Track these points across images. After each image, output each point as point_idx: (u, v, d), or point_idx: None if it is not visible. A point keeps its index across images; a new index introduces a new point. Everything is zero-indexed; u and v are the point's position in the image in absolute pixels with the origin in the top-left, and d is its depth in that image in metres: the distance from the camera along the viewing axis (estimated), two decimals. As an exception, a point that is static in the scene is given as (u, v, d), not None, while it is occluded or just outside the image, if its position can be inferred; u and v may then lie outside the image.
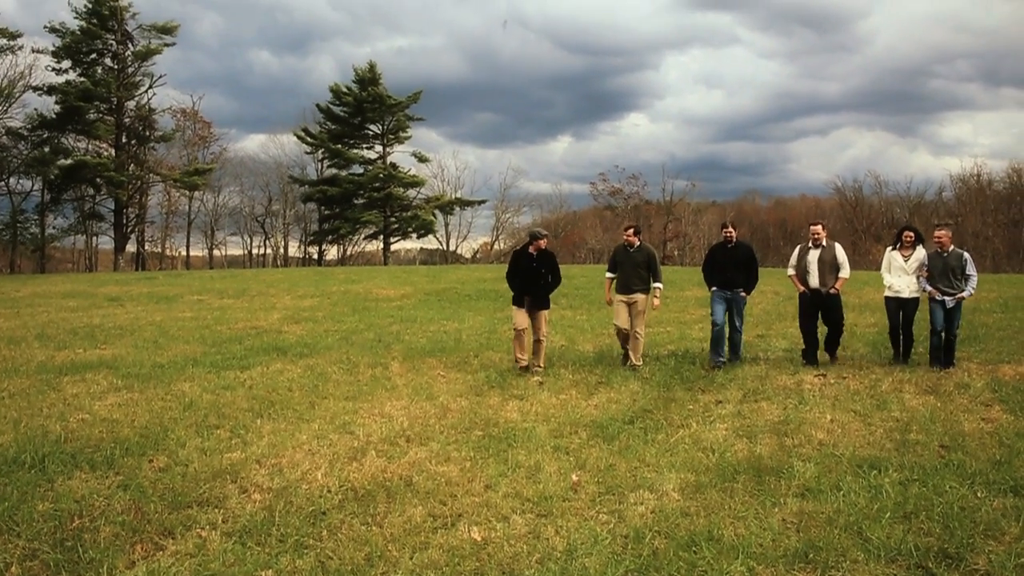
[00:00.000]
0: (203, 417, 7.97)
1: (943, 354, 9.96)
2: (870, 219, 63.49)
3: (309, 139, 53.59)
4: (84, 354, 11.90)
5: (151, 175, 48.06)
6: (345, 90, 52.29)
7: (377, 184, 51.81)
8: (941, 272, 9.91)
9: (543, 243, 10.42)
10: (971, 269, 9.88)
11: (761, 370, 10.06)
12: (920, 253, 10.22)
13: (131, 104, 47.02)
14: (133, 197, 48.14)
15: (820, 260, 10.43)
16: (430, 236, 57.59)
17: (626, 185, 62.97)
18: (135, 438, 7.12)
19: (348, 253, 59.11)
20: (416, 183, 53.90)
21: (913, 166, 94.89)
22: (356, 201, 52.53)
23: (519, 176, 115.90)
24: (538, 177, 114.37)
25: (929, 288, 10.01)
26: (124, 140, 47.01)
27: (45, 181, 45.42)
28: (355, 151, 53.83)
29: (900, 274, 10.29)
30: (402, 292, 22.11)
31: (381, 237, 54.24)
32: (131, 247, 50.22)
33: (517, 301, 10.48)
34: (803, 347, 10.77)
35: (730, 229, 10.74)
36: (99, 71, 45.64)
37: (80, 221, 47.96)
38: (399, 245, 58.60)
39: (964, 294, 9.87)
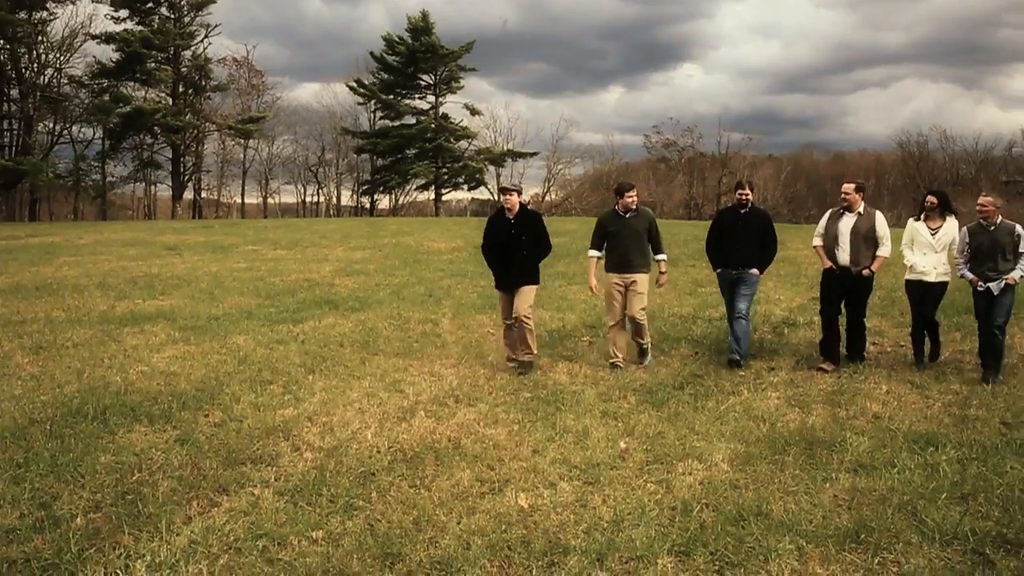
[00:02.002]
0: (257, 372, 8.12)
1: (987, 355, 8.00)
2: (933, 175, 61.48)
3: (362, 90, 53.56)
4: (143, 304, 12.20)
5: (207, 123, 48.68)
6: (398, 39, 51.99)
7: (428, 136, 51.69)
8: (988, 252, 7.87)
9: (514, 200, 8.38)
10: None
11: (815, 334, 9.85)
12: (952, 225, 8.32)
13: (187, 53, 47.53)
14: (190, 145, 48.91)
15: (854, 231, 8.30)
16: (481, 187, 57.56)
17: (680, 137, 61.90)
18: (191, 392, 7.30)
19: (400, 203, 59.41)
20: (467, 135, 53.66)
21: (979, 120, 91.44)
22: (408, 152, 52.55)
23: (571, 127, 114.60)
24: (590, 128, 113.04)
25: (970, 276, 8.01)
26: (181, 89, 47.61)
27: (105, 129, 46.31)
28: (407, 102, 53.70)
29: (927, 251, 8.30)
30: (453, 245, 22.15)
31: (432, 188, 54.32)
32: (188, 195, 51.23)
33: (499, 283, 8.61)
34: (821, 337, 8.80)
35: (746, 190, 8.67)
36: (156, 20, 46.09)
37: (139, 168, 48.92)
38: (450, 196, 58.64)
39: (1015, 275, 7.76)
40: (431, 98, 54.06)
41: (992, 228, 7.89)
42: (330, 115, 58.52)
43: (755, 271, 8.60)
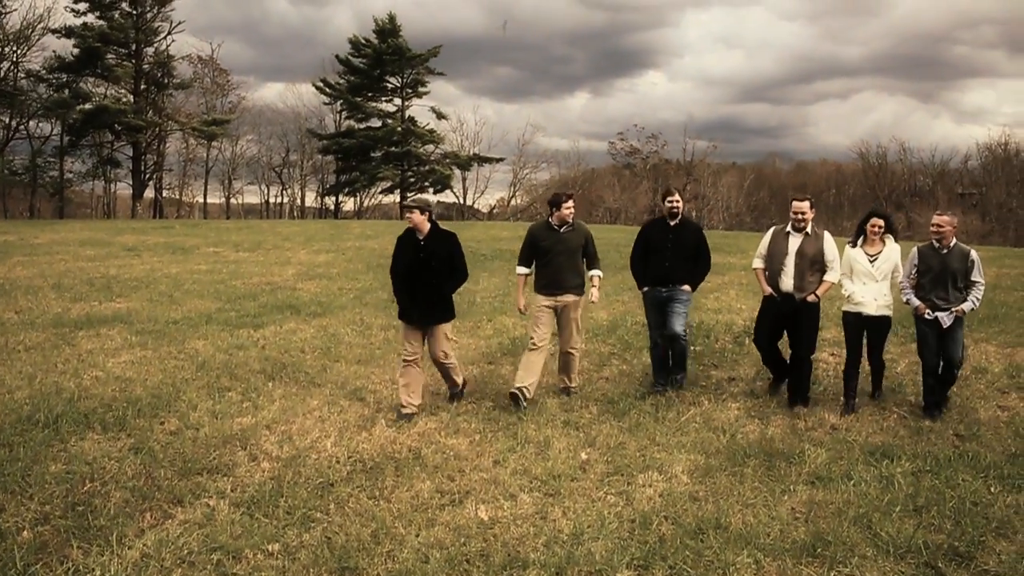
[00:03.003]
0: (215, 378, 8.00)
1: (936, 394, 7.19)
2: (892, 186, 62.60)
3: (328, 90, 53.14)
4: (100, 307, 11.96)
5: (169, 122, 47.90)
6: (364, 41, 51.65)
7: (395, 139, 51.43)
8: (937, 277, 7.03)
9: (417, 219, 6.96)
10: (979, 274, 7.05)
11: (776, 346, 9.96)
12: (893, 250, 7.35)
13: (150, 50, 46.71)
14: (151, 144, 48.06)
15: (800, 253, 7.28)
16: (447, 191, 57.36)
17: (645, 145, 62.30)
18: (147, 398, 7.16)
19: (365, 205, 59.03)
20: (434, 139, 53.49)
21: (935, 133, 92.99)
22: (373, 155, 52.24)
23: (537, 132, 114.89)
24: (556, 133, 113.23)
25: (916, 302, 7.15)
26: (143, 86, 46.79)
27: (64, 125, 45.38)
28: (373, 104, 53.37)
29: (866, 280, 7.30)
30: (417, 250, 22.08)
31: (398, 191, 54.04)
32: (149, 193, 50.37)
33: (404, 313, 7.13)
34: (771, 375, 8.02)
35: (675, 197, 7.79)
36: (117, 15, 45.29)
37: (98, 166, 48.00)
38: (416, 197, 58.37)
39: (965, 306, 6.96)
40: (398, 101, 53.83)
41: (945, 251, 7.05)
42: (295, 116, 58.03)
43: (687, 287, 7.72)
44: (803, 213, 7.33)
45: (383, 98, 54.06)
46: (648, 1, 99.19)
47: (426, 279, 6.97)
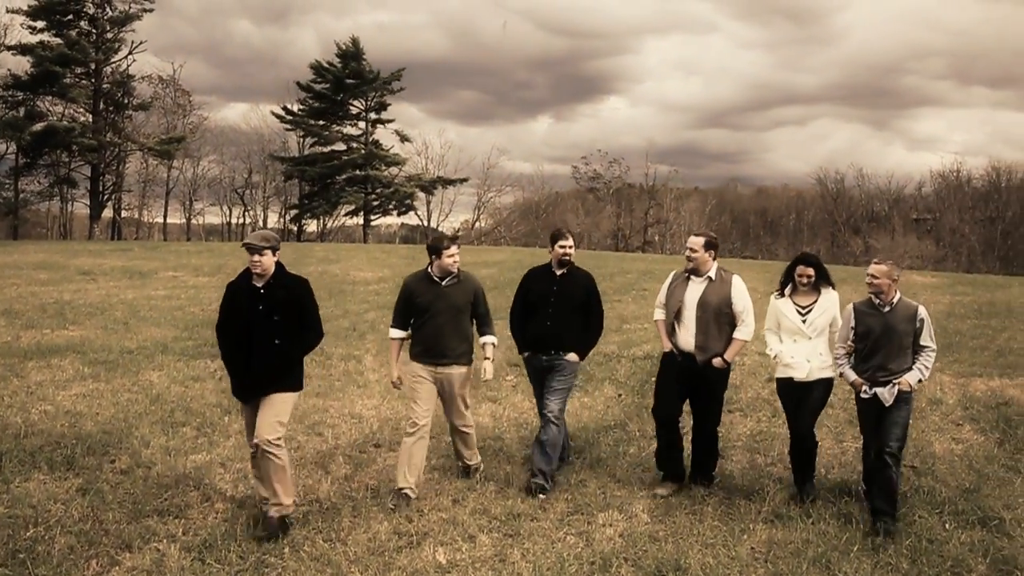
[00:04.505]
0: (170, 412, 7.83)
1: (875, 492, 5.52)
2: (850, 211, 63.85)
3: (289, 117, 52.87)
4: (52, 335, 11.67)
5: (128, 143, 47.28)
6: (327, 65, 51.54)
7: (358, 162, 51.27)
8: (878, 341, 5.65)
9: (266, 263, 5.36)
10: (929, 338, 5.68)
11: (735, 377, 9.99)
12: (829, 301, 6.03)
13: (108, 69, 46.15)
14: (110, 164, 47.36)
15: (702, 303, 6.01)
16: (411, 213, 57.25)
17: (607, 170, 62.89)
18: (98, 434, 6.98)
19: (328, 227, 58.69)
20: (397, 162, 53.41)
21: (889, 160, 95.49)
22: (337, 178, 51.98)
23: (501, 155, 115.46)
24: (519, 157, 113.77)
25: (851, 376, 5.78)
26: (101, 106, 46.17)
27: (19, 144, 44.57)
28: (337, 127, 53.18)
29: (797, 338, 5.97)
30: (379, 275, 21.90)
31: (362, 214, 53.81)
32: (107, 213, 49.55)
33: (236, 387, 5.53)
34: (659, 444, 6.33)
35: (568, 243, 6.42)
36: (74, 34, 44.69)
37: (53, 186, 47.16)
38: (380, 220, 58.23)
39: (910, 378, 5.57)
40: (361, 124, 53.73)
41: (887, 309, 5.67)
42: (258, 137, 57.59)
43: (573, 356, 6.27)
44: (693, 250, 6.06)
45: (347, 121, 53.90)
46: (609, 28, 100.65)
47: (266, 338, 5.29)
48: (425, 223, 60.47)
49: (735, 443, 7.34)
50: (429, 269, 6.17)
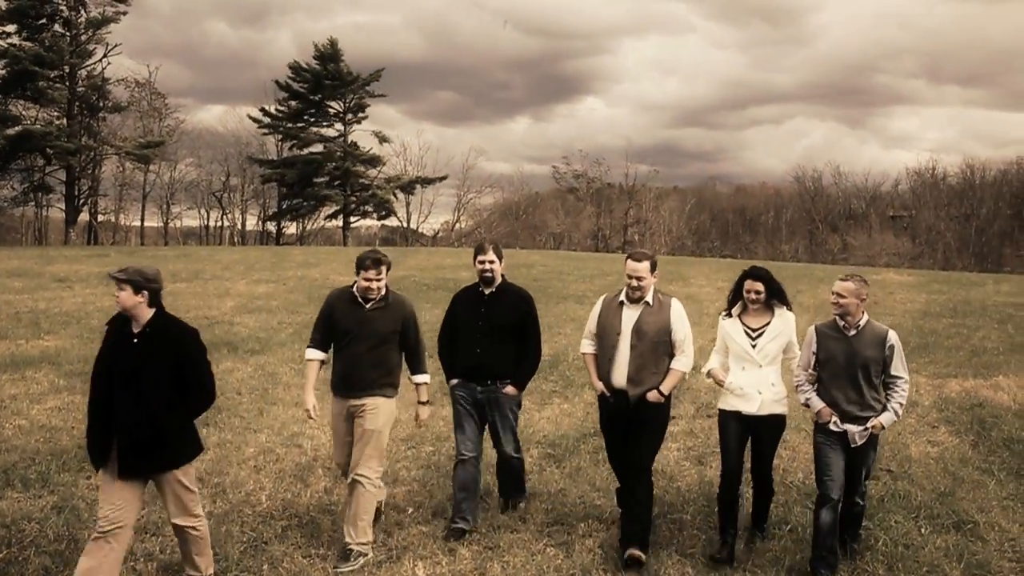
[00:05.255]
0: (146, 425, 7.75)
1: (845, 532, 5.16)
2: (828, 209, 64.34)
3: (266, 119, 52.57)
4: (26, 346, 11.53)
5: (104, 146, 46.82)
6: (305, 66, 51.32)
7: (336, 163, 51.07)
8: (842, 369, 5.01)
9: (127, 301, 4.43)
10: (900, 366, 5.04)
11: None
12: (784, 322, 5.36)
13: (83, 73, 45.68)
14: (85, 168, 46.87)
15: (637, 330, 5.30)
16: (390, 216, 57.12)
17: (589, 169, 63.02)
18: (74, 450, 6.90)
19: (307, 229, 58.43)
20: (376, 163, 53.28)
21: (865, 158, 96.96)
22: (316, 180, 51.76)
23: (480, 156, 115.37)
24: (498, 157, 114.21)
25: (818, 404, 5.09)
26: (76, 110, 45.69)
27: (-8, 149, 44.03)
28: (315, 129, 52.96)
29: (746, 364, 5.31)
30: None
31: (341, 216, 53.60)
32: (83, 217, 49.06)
33: (98, 456, 4.43)
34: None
35: (488, 257, 5.69)
36: (48, 37, 44.21)
37: (28, 191, 46.64)
38: (360, 223, 58.08)
39: (884, 419, 4.98)
40: (339, 126, 53.55)
41: (852, 332, 5.02)
42: (235, 139, 57.21)
43: (510, 390, 5.62)
44: (639, 278, 5.31)
45: (324, 123, 53.69)
46: (585, 28, 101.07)
47: (137, 397, 4.31)
48: (405, 224, 60.36)
49: (714, 448, 7.38)
50: (355, 288, 5.32)
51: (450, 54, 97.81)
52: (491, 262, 5.67)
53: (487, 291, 5.73)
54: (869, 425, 4.99)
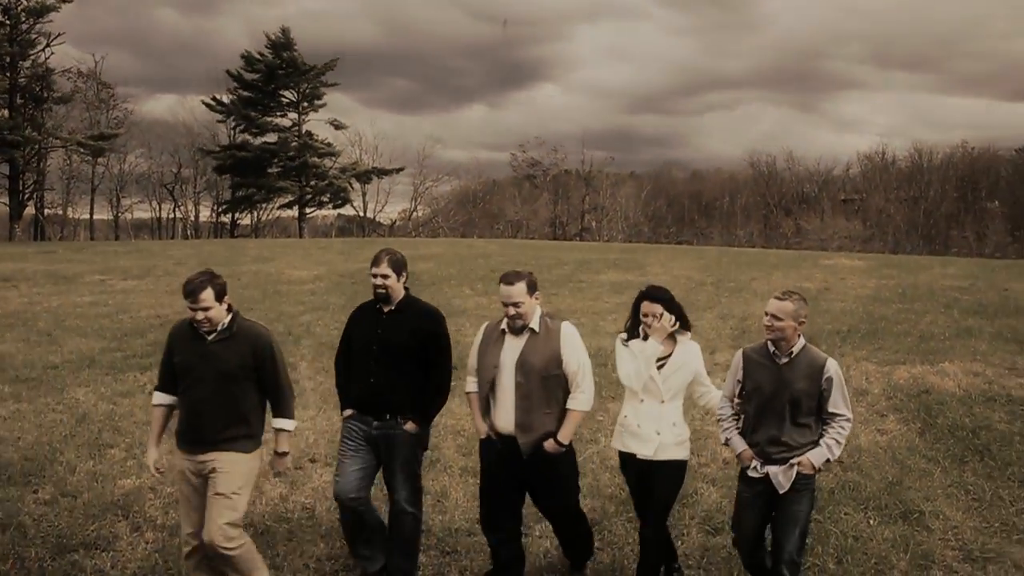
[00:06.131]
0: (97, 433, 7.61)
1: None
2: (781, 193, 65.25)
3: (220, 107, 51.67)
4: (-30, 351, 11.23)
5: (50, 139, 45.64)
6: (258, 56, 50.54)
7: (292, 153, 50.44)
8: (769, 403, 4.32)
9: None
10: (841, 402, 4.32)
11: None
12: (689, 354, 4.69)
13: (26, 64, 44.44)
14: (30, 161, 45.70)
15: (522, 365, 4.60)
16: (347, 205, 56.67)
17: (545, 157, 63.04)
18: (20, 462, 6.75)
19: (262, 220, 57.71)
20: (331, 152, 52.76)
21: (817, 143, 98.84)
22: (270, 170, 51.08)
23: (436, 144, 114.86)
24: (454, 145, 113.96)
25: (739, 445, 4.46)
26: (19, 101, 44.47)
27: (-69, 143, 42.70)
28: (268, 118, 52.21)
29: (645, 398, 4.59)
30: (315, 273, 21.62)
31: (296, 206, 53.01)
32: (29, 211, 47.84)
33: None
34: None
35: (380, 269, 4.81)
36: (-12, 26, 42.95)
37: (-30, 186, 45.37)
38: (315, 213, 57.53)
39: (814, 457, 4.26)
40: (293, 115, 52.87)
41: (785, 360, 4.32)
42: (187, 130, 56.16)
43: (410, 427, 4.77)
44: (516, 304, 4.56)
45: (278, 113, 53.00)
46: (540, 15, 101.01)
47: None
48: (361, 214, 59.92)
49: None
50: (192, 320, 4.43)
51: (404, 41, 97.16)
52: (384, 276, 4.79)
53: (385, 309, 4.88)
54: (795, 462, 4.22)
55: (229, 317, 4.45)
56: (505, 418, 4.62)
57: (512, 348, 4.65)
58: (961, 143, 60.32)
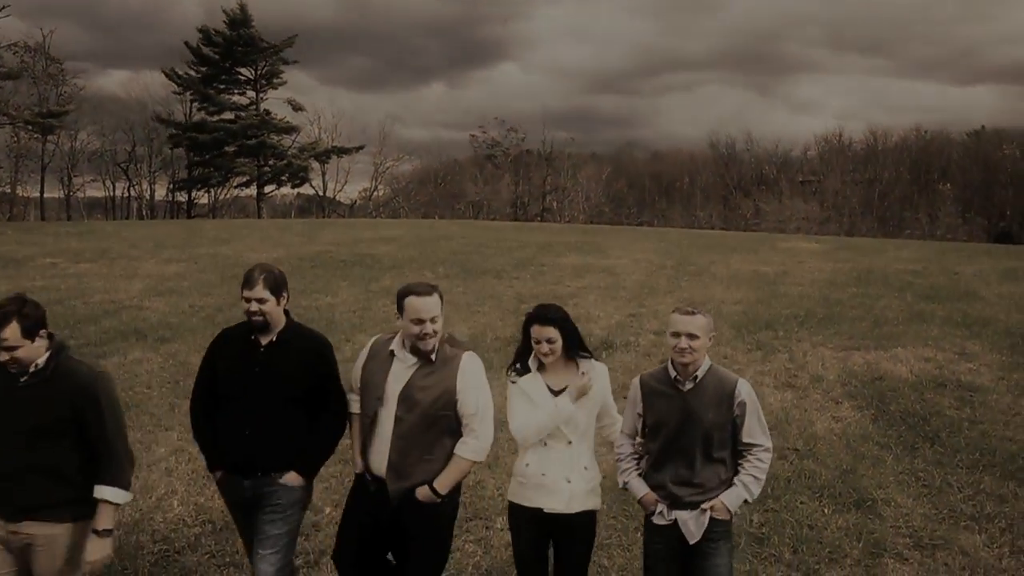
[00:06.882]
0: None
1: None
2: (740, 174, 65.89)
3: (178, 80, 50.61)
4: (-84, 339, 10.91)
5: (-3, 115, 44.40)
6: (215, 32, 49.60)
7: (250, 132, 49.67)
8: (674, 438, 3.68)
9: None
10: (758, 430, 3.70)
11: (635, 359, 10.22)
12: (598, 383, 3.92)
13: (-29, 37, 43.13)
14: (-24, 139, 44.54)
15: (406, 397, 3.79)
16: (306, 184, 56.05)
17: (505, 138, 62.84)
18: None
19: (220, 199, 56.78)
20: (290, 129, 52.08)
21: (775, 124, 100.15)
22: (227, 148, 50.27)
23: (395, 123, 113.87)
24: (414, 124, 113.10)
25: (640, 490, 3.79)
26: (-36, 76, 43.17)
27: None
28: (226, 96, 51.32)
29: (548, 440, 3.86)
30: (275, 256, 21.35)
31: (254, 185, 52.29)
32: (-24, 191, 46.64)
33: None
34: None
35: (254, 291, 3.81)
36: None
37: (-86, 164, 44.03)
38: (275, 192, 56.83)
39: (730, 501, 3.64)
40: (251, 93, 52.03)
41: (689, 386, 3.68)
42: (140, 106, 54.89)
43: (293, 478, 3.91)
44: (426, 323, 3.75)
45: (236, 90, 52.09)
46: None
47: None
48: (321, 194, 59.28)
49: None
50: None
51: (363, 18, 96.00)
52: (260, 300, 3.82)
53: (263, 340, 3.92)
54: (707, 506, 3.59)
55: (47, 355, 3.52)
56: (378, 458, 3.82)
57: (398, 375, 3.83)
58: (915, 127, 61.49)
